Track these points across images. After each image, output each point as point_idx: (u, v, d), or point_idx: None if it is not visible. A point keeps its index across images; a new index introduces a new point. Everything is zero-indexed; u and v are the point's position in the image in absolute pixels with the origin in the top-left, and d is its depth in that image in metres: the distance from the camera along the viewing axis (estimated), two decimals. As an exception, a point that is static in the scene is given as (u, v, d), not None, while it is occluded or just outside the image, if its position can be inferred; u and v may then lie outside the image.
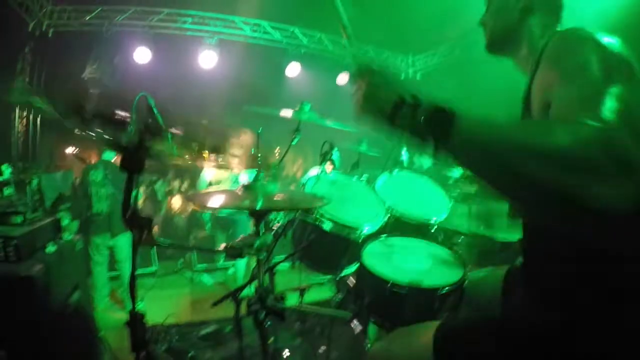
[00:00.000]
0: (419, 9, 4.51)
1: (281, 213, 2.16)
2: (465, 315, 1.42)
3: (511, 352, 0.94)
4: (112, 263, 3.72)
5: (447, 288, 1.44)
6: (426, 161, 4.76)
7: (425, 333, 1.11)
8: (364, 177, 2.47)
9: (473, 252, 2.43)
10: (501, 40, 1.13)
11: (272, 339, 1.97)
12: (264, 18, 5.60)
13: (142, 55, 5.09)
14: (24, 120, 4.95)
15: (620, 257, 0.79)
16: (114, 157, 3.64)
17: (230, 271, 4.63)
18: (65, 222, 3.39)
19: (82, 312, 1.96)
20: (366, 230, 1.93)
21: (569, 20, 1.08)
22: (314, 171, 2.19)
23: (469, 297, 1.45)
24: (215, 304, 1.53)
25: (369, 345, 1.60)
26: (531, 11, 1.06)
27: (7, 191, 3.19)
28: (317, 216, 1.90)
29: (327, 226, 1.90)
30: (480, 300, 1.40)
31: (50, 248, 1.79)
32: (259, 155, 2.01)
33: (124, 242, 3.58)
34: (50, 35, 4.77)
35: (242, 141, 4.11)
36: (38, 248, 1.74)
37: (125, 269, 3.61)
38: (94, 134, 0.87)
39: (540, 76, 0.90)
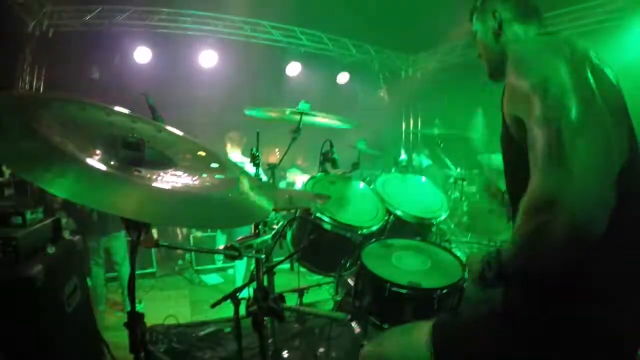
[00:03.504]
0: (420, 9, 4.51)
1: (281, 213, 2.16)
2: (462, 312, 1.42)
3: (509, 348, 0.95)
4: (111, 264, 3.70)
5: (445, 289, 1.44)
6: (425, 161, 4.77)
7: (419, 331, 1.12)
8: (364, 177, 2.47)
9: (473, 252, 2.43)
10: (496, 67, 1.15)
11: (271, 339, 1.98)
12: (264, 17, 5.60)
13: (142, 55, 5.09)
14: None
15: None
16: None
17: (230, 272, 4.63)
18: (62, 221, 3.39)
19: (82, 313, 1.96)
20: (366, 230, 1.93)
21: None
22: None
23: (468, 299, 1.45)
24: (214, 304, 1.53)
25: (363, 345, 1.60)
26: (502, 27, 1.09)
27: (8, 191, 3.18)
28: (317, 216, 1.90)
29: (326, 226, 1.90)
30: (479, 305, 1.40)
31: (50, 248, 1.79)
32: (258, 155, 2.01)
33: (119, 243, 3.54)
34: (50, 35, 4.77)
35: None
36: (38, 248, 1.74)
37: (123, 270, 3.57)
38: None
39: (506, 89, 0.95)
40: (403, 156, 2.64)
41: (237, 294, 1.67)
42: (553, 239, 0.76)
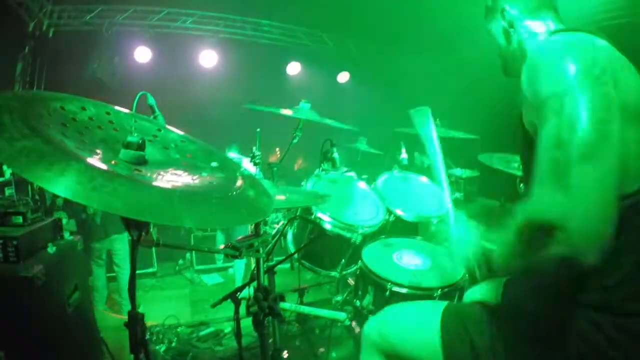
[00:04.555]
0: (421, 8, 4.51)
1: (281, 213, 2.16)
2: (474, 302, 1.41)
3: (511, 342, 0.95)
4: (111, 264, 3.71)
5: (446, 288, 1.44)
6: (426, 160, 4.77)
7: (428, 313, 1.12)
8: (364, 176, 2.47)
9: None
10: (511, 66, 1.11)
11: (271, 339, 1.97)
12: (264, 17, 5.60)
13: (142, 54, 5.09)
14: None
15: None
16: None
17: (230, 272, 4.63)
18: (63, 221, 3.39)
19: (83, 312, 1.96)
20: (366, 229, 1.93)
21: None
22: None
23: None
24: (214, 304, 1.53)
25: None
26: (514, 26, 1.05)
27: (8, 191, 3.18)
28: (317, 216, 1.90)
29: (327, 226, 1.90)
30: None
31: (51, 248, 1.79)
32: (259, 154, 2.01)
33: (122, 244, 3.55)
34: (50, 35, 4.76)
35: None
36: (38, 248, 1.74)
37: (122, 272, 3.58)
38: None
39: (523, 94, 0.91)
40: (404, 155, 2.63)
41: (237, 294, 1.68)
42: (546, 259, 0.77)
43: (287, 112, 2.16)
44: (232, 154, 4.05)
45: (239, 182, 0.98)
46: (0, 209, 1.77)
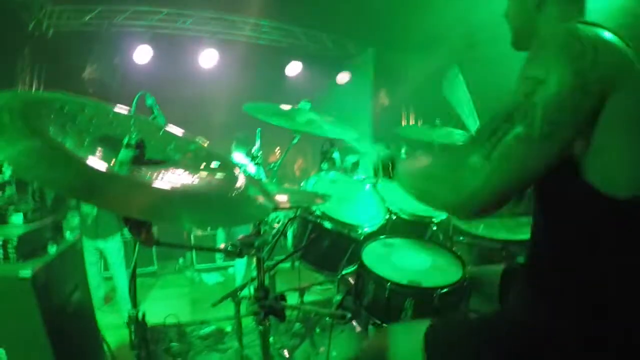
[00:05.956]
0: (421, 8, 4.51)
1: (281, 212, 2.16)
2: (456, 316, 1.42)
3: (503, 352, 0.94)
4: (106, 265, 3.70)
5: (446, 288, 1.44)
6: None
7: (417, 331, 1.10)
8: (364, 176, 2.46)
9: (473, 252, 2.43)
10: (523, 37, 1.08)
11: (272, 339, 1.98)
12: (264, 17, 5.60)
13: (142, 55, 5.09)
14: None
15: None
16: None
17: (230, 271, 4.63)
18: (75, 221, 3.38)
19: (82, 312, 1.96)
20: (366, 229, 1.93)
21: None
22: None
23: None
24: (215, 303, 1.54)
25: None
26: (545, 4, 1.01)
27: (8, 191, 3.18)
28: (317, 215, 1.90)
29: (327, 225, 1.90)
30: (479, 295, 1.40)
31: (51, 248, 1.79)
32: (259, 154, 2.01)
33: (113, 245, 3.52)
34: (50, 35, 4.77)
35: None
36: (38, 248, 1.74)
37: (118, 272, 3.56)
38: None
39: None
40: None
41: (238, 293, 1.68)
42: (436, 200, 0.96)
43: (286, 107, 2.15)
44: (239, 156, 4.03)
45: (239, 182, 0.98)
46: (0, 209, 1.77)
